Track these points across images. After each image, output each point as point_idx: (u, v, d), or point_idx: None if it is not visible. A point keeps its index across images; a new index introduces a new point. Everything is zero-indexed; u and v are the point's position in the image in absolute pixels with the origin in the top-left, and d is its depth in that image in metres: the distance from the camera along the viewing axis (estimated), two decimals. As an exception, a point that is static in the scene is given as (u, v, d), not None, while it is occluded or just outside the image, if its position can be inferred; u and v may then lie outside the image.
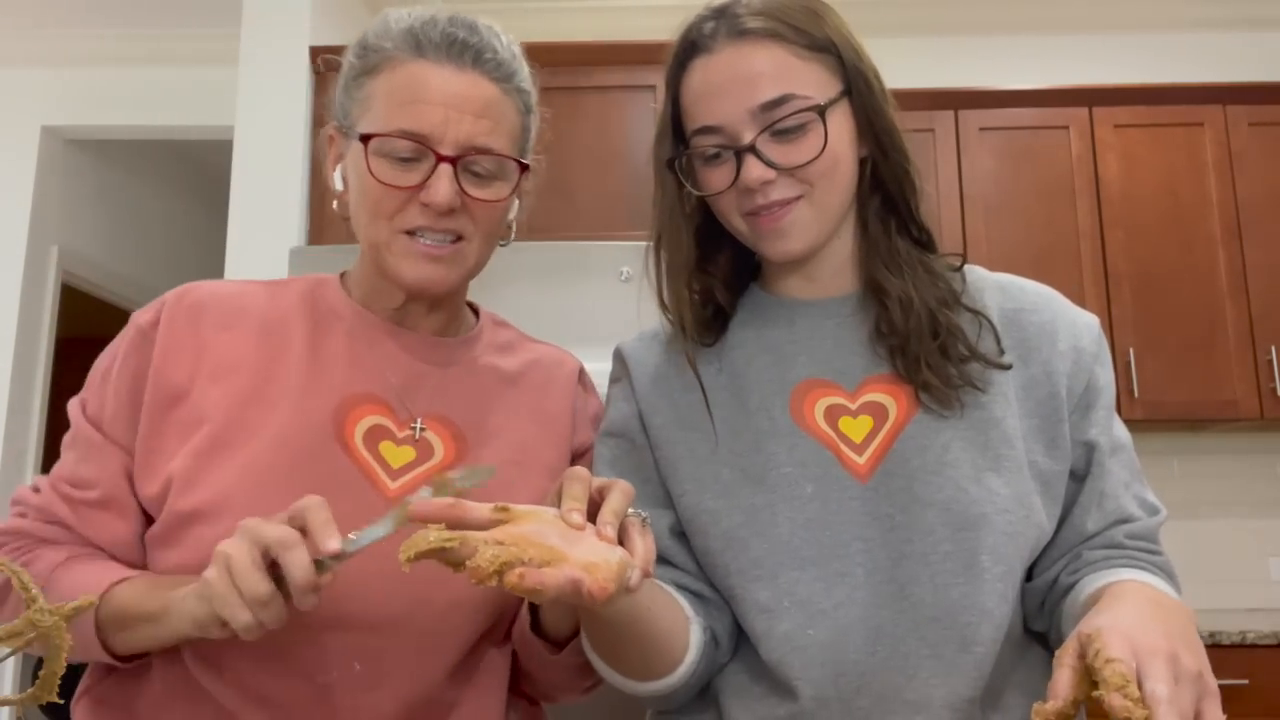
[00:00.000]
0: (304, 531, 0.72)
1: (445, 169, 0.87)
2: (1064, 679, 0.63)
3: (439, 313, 0.99)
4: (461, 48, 0.90)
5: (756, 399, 0.91)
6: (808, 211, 0.88)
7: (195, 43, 3.45)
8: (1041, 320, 0.92)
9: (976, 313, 0.90)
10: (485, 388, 0.99)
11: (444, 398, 0.96)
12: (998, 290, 0.94)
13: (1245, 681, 2.38)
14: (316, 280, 1.01)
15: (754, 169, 0.86)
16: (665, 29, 0.95)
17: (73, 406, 0.94)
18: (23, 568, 0.55)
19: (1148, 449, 3.00)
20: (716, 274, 0.97)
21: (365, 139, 0.88)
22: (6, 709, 0.85)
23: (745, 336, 0.95)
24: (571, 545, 0.68)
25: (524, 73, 0.95)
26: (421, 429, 0.93)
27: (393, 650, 0.86)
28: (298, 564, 0.70)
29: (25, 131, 3.58)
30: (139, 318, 0.94)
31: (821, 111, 0.86)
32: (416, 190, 0.88)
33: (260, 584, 0.70)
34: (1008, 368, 0.88)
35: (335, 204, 0.97)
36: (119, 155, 4.02)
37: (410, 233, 0.90)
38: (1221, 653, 2.41)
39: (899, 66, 1.55)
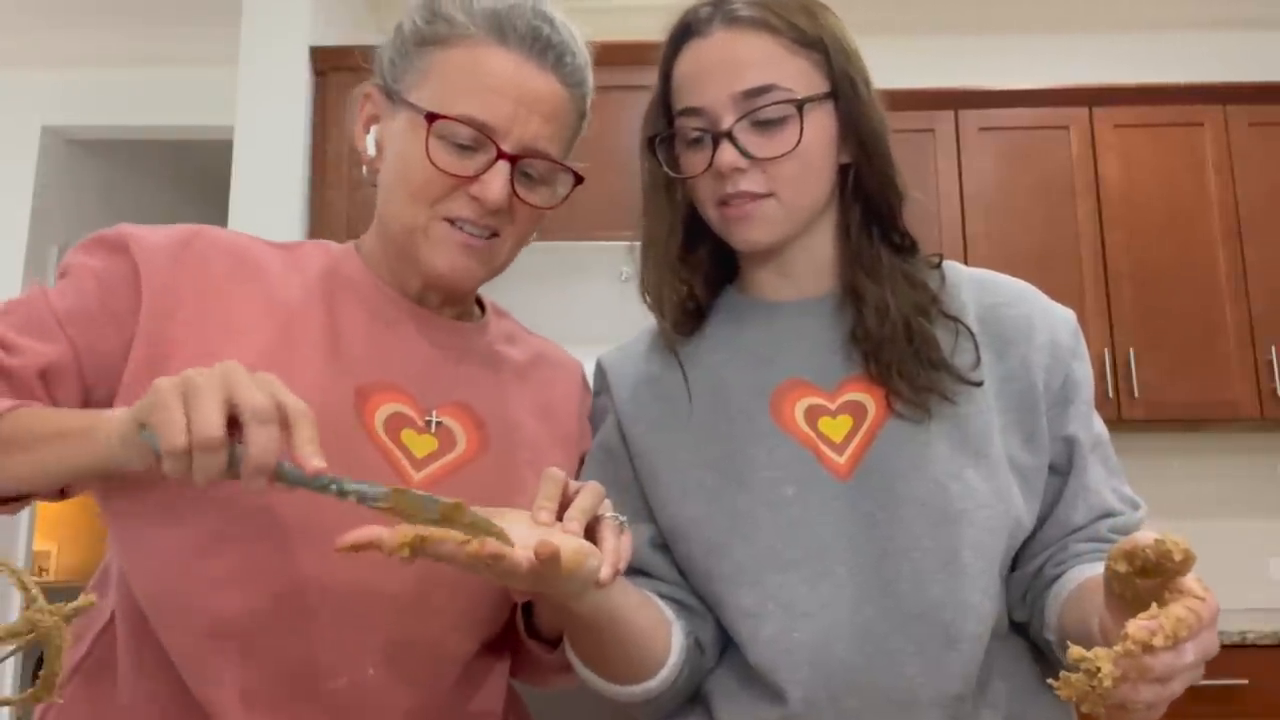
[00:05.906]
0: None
1: (503, 166, 0.85)
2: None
3: (455, 302, 0.96)
4: (545, 45, 0.87)
5: (737, 402, 0.91)
6: (776, 208, 0.89)
7: (195, 43, 3.44)
8: (1018, 314, 0.92)
9: (954, 319, 0.90)
10: (501, 378, 0.96)
11: (464, 385, 0.92)
12: (975, 286, 0.95)
13: (1245, 681, 2.38)
14: (328, 245, 0.96)
15: (727, 154, 0.87)
16: (665, 29, 0.95)
17: (34, 287, 0.87)
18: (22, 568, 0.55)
19: (1148, 449, 3.03)
20: (697, 269, 0.97)
21: (431, 118, 0.84)
22: (6, 709, 0.84)
23: (722, 339, 0.95)
24: (530, 533, 0.69)
25: (591, 79, 0.93)
26: (439, 419, 0.89)
27: (406, 653, 0.82)
28: (265, 442, 0.63)
29: (26, 131, 3.58)
30: (126, 230, 0.88)
31: (800, 106, 0.86)
32: (468, 181, 0.85)
33: (214, 424, 0.62)
34: (978, 384, 0.88)
35: (365, 170, 0.92)
36: (120, 155, 4.01)
37: (450, 220, 0.86)
38: (1221, 653, 2.37)
39: (899, 66, 1.55)
